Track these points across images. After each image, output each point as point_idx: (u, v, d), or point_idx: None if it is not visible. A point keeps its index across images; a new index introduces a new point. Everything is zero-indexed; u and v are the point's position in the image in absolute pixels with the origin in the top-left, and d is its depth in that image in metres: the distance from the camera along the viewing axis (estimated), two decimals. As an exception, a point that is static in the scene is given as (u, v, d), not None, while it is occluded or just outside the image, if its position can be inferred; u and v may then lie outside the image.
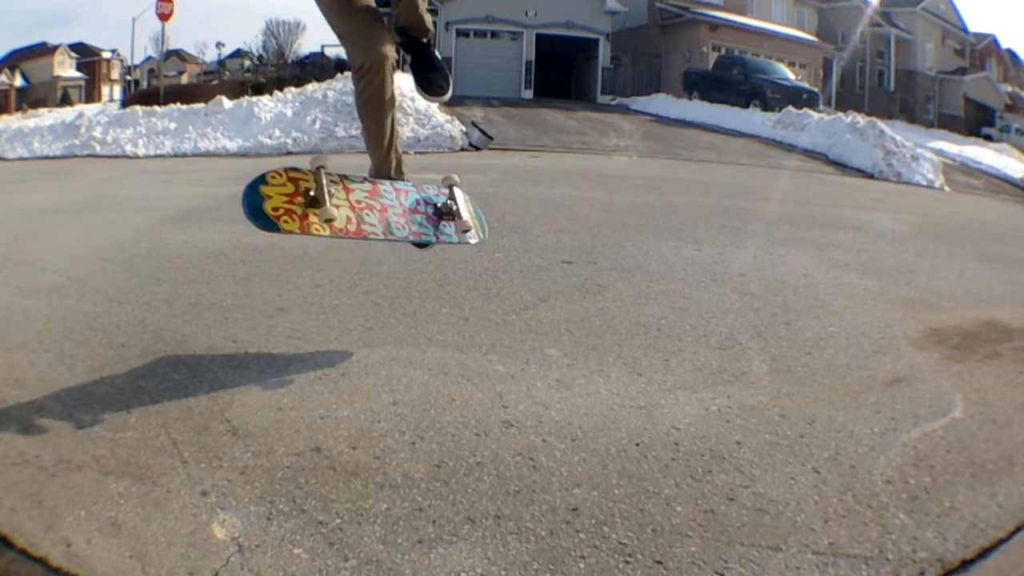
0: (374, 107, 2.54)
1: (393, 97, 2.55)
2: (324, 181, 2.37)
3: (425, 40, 2.63)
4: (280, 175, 2.38)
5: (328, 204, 2.33)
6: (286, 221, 2.31)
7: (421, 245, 2.85)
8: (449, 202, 2.71)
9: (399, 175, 2.72)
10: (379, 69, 2.45)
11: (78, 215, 5.40)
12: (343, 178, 2.51)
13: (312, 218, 2.33)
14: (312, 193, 2.36)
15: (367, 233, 2.47)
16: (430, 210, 2.69)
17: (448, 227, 2.70)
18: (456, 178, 2.79)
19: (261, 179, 2.34)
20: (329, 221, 2.34)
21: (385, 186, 2.64)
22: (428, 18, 2.60)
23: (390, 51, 2.47)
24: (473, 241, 2.82)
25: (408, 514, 1.73)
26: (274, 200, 2.32)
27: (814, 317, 3.38)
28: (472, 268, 3.92)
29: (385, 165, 2.69)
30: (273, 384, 2.41)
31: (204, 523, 1.66)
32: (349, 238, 2.46)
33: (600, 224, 5.32)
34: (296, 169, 2.43)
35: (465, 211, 2.73)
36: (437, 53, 2.67)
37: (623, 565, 1.59)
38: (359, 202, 2.50)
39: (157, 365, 2.54)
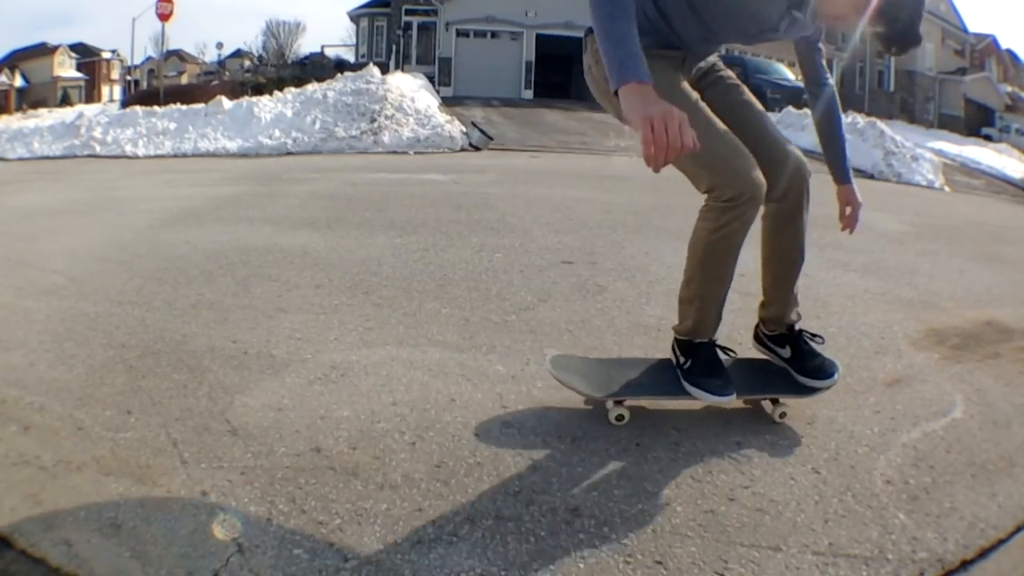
0: (729, 247, 1.98)
1: None
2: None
3: (787, 329, 2.26)
4: None
5: None
6: None
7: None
8: None
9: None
10: (758, 201, 1.93)
11: (78, 215, 5.40)
12: None
13: None
14: None
15: None
16: None
17: None
18: None
19: None
20: None
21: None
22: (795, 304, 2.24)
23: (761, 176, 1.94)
24: None
25: (408, 514, 1.73)
26: None
27: (814, 317, 3.38)
28: (472, 268, 3.92)
29: (702, 322, 2.09)
30: (273, 384, 2.41)
31: (204, 523, 1.66)
32: None
33: (600, 224, 5.32)
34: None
35: None
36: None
37: (623, 565, 1.59)
38: None
39: (157, 365, 2.54)
